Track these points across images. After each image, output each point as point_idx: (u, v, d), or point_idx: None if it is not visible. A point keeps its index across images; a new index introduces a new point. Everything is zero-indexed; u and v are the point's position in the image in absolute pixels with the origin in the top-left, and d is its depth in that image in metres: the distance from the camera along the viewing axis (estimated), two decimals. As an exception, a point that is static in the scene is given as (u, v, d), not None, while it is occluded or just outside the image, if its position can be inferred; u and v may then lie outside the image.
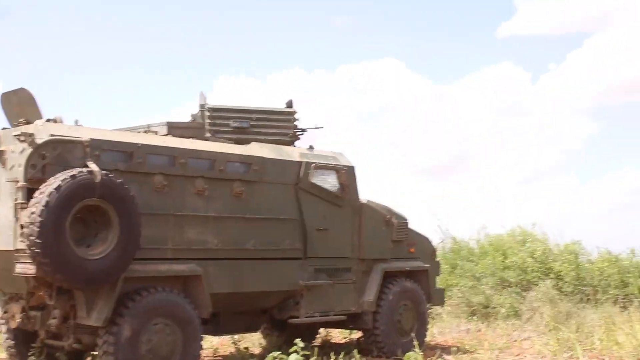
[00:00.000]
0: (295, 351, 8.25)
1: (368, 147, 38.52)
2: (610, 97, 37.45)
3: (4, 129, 8.11)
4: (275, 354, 8.30)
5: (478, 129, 38.04)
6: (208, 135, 9.79)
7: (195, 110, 10.18)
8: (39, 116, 8.07)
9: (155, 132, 9.22)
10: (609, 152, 37.42)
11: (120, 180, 7.57)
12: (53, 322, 7.85)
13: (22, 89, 8.30)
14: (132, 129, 9.42)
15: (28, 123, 7.92)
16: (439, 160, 38.42)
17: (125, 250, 7.55)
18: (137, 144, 8.18)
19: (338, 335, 12.71)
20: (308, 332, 11.16)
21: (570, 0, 34.66)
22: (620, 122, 38.03)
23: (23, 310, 8.07)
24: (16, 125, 8.06)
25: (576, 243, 17.37)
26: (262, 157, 9.37)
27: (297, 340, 8.38)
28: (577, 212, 34.16)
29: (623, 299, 15.72)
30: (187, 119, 10.07)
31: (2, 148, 7.74)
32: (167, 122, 9.38)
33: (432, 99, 38.36)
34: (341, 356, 9.15)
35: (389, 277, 10.72)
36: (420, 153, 38.15)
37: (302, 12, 36.22)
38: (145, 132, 9.24)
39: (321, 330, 11.95)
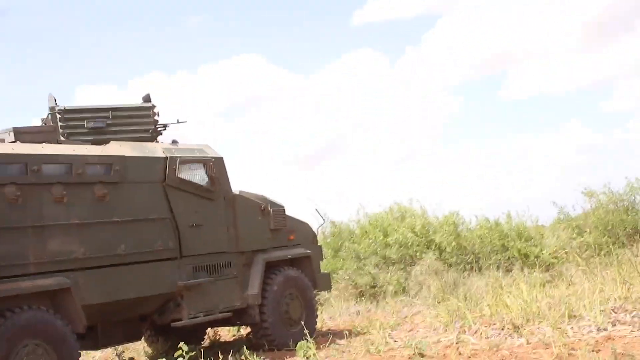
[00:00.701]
0: (181, 355, 8.00)
1: (236, 141, 38.50)
2: (469, 73, 39.08)
3: None
4: (161, 360, 8.02)
5: (346, 115, 38.76)
6: (62, 138, 9.32)
7: (45, 114, 9.69)
8: None
9: (2, 140, 8.68)
10: (472, 125, 39.13)
11: None
12: None
13: None
14: None
15: None
16: (311, 149, 38.85)
17: None
18: None
19: (227, 334, 12.50)
20: (195, 334, 10.92)
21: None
22: (480, 96, 39.82)
23: None
24: None
25: (454, 213, 17.75)
26: (122, 156, 9.04)
27: (182, 344, 8.16)
28: (451, 183, 35.47)
29: (505, 263, 16.18)
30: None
31: None
32: (14, 128, 8.86)
33: (296, 90, 38.82)
34: (230, 355, 8.92)
35: (271, 267, 10.60)
36: (292, 143, 38.44)
37: (156, 14, 35.79)
38: None
39: (208, 330, 11.70)
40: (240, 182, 10.66)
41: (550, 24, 36.36)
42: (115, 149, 9.17)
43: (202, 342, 11.33)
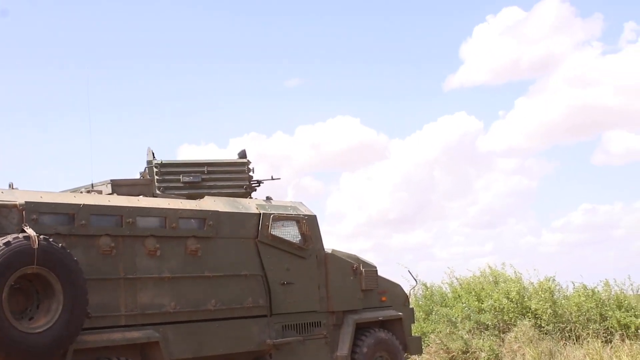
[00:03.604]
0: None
1: (329, 201, 38.64)
2: (559, 138, 38.22)
3: None
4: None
5: (438, 180, 38.33)
6: (157, 192, 9.25)
7: (143, 167, 9.67)
8: None
9: (100, 192, 8.64)
10: (562, 191, 38.14)
11: (61, 244, 6.96)
12: None
13: None
14: (74, 190, 8.85)
15: None
16: (404, 212, 38.49)
17: (72, 320, 6.95)
18: (79, 204, 7.62)
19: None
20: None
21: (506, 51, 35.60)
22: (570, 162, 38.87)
23: None
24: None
25: (550, 279, 16.95)
26: (216, 211, 8.87)
27: None
28: (538, 251, 34.52)
29: (604, 333, 15.28)
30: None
31: None
32: (111, 180, 8.83)
33: (388, 152, 38.83)
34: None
35: (361, 329, 10.25)
36: (389, 206, 38.19)
37: (257, 76, 36.61)
38: (88, 191, 8.67)
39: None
40: (332, 240, 10.37)
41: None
42: (210, 203, 9.02)
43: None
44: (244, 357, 8.96)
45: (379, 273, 10.86)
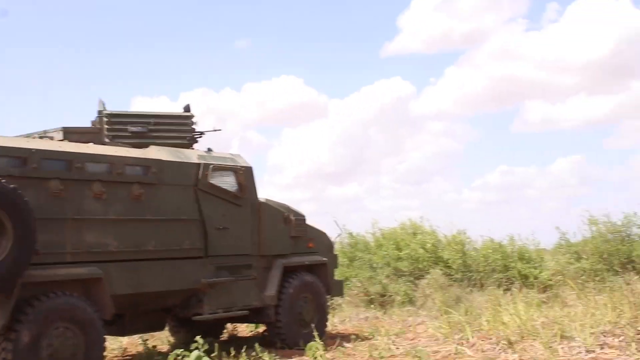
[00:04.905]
0: (197, 348, 7.90)
1: (269, 154, 38.85)
2: (484, 106, 39.18)
3: None
4: (178, 351, 7.97)
5: (373, 138, 38.91)
6: (106, 140, 9.30)
7: (94, 116, 9.67)
8: None
9: (52, 138, 8.67)
10: (484, 155, 39.26)
11: (13, 185, 7.02)
12: None
13: None
14: (27, 136, 8.84)
15: None
16: (340, 167, 39.11)
17: (20, 256, 7.05)
18: (31, 149, 7.66)
19: (245, 330, 12.38)
20: (214, 328, 10.83)
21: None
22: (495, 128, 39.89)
23: None
24: None
25: (462, 233, 17.58)
26: (160, 160, 8.98)
27: (198, 338, 8.09)
28: (459, 207, 35.65)
29: (506, 282, 15.98)
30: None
31: None
32: (63, 128, 8.85)
33: (328, 111, 39.24)
34: (243, 350, 8.80)
35: (289, 272, 10.48)
36: (320, 161, 38.70)
37: (204, 35, 36.53)
38: (41, 137, 8.68)
39: (228, 325, 11.60)
40: (271, 190, 10.61)
41: (563, 63, 36.35)
42: (154, 152, 9.13)
43: (221, 336, 11.21)
44: (180, 294, 9.17)
45: (308, 222, 11.10)
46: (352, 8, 39.40)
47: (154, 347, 10.36)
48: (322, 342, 9.12)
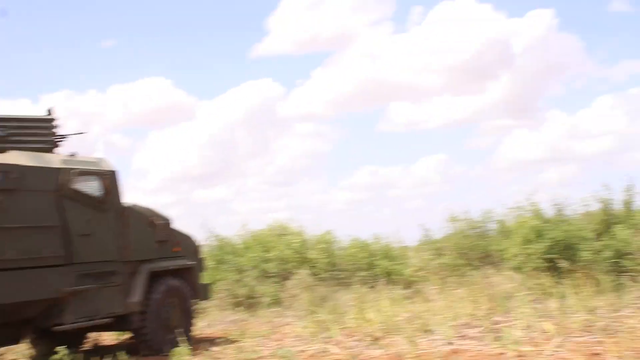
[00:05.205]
0: (59, 359, 7.95)
1: (135, 157, 38.30)
2: (349, 106, 40.50)
3: None
4: (39, 363, 7.93)
5: (239, 139, 39.22)
6: None
7: None
8: None
9: None
10: (352, 154, 40.52)
11: None
12: None
13: None
14: None
15: None
16: (203, 168, 39.12)
17: None
18: None
19: (110, 338, 12.36)
20: (77, 338, 10.79)
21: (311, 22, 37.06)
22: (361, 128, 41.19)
23: None
24: None
25: (329, 233, 18.16)
26: (19, 165, 8.91)
27: (60, 348, 8.11)
28: (327, 207, 36.71)
29: (371, 279, 16.65)
30: None
31: None
32: None
33: (195, 113, 39.18)
34: (109, 358, 8.89)
35: (155, 277, 10.58)
36: (188, 164, 38.61)
37: (68, 34, 35.60)
38: None
39: (93, 334, 11.55)
40: (136, 195, 10.67)
41: (426, 64, 38.00)
42: (14, 157, 9.04)
43: (84, 346, 11.16)
44: (39, 305, 9.09)
45: (174, 226, 11.24)
46: (221, 7, 39.51)
47: (12, 360, 10.22)
48: (189, 347, 9.34)
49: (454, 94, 41.06)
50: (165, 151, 39.71)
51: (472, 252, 17.30)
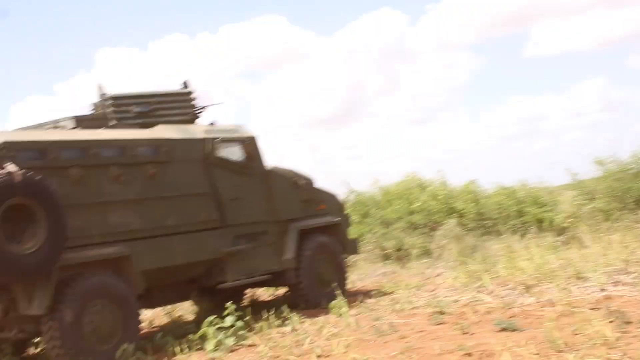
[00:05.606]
0: (229, 313, 8.76)
1: (258, 104, 38.70)
2: (492, 30, 38.71)
3: None
4: (211, 318, 8.71)
5: (366, 77, 38.74)
6: (114, 122, 10.04)
7: (95, 101, 10.36)
8: None
9: (64, 127, 9.45)
10: (494, 85, 38.88)
11: (40, 176, 7.82)
12: None
13: None
14: (38, 126, 9.62)
15: None
16: (330, 110, 39.01)
17: (55, 241, 7.85)
18: (50, 140, 8.44)
19: (264, 294, 13.15)
20: (236, 295, 11.57)
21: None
22: (500, 55, 39.29)
23: None
24: None
25: (472, 182, 18.30)
26: (169, 139, 9.72)
27: (229, 304, 8.90)
28: (468, 147, 35.68)
29: (521, 227, 16.72)
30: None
31: None
32: (74, 116, 9.61)
33: (317, 51, 38.86)
34: (272, 312, 9.63)
35: (304, 235, 11.19)
36: (311, 106, 38.62)
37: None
38: (54, 127, 9.46)
39: (247, 291, 12.35)
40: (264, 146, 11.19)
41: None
42: (162, 132, 9.84)
43: (242, 302, 11.98)
44: (203, 265, 9.95)
45: (317, 185, 11.83)
46: None
47: (179, 317, 11.19)
48: (344, 300, 9.94)
49: (609, 6, 38.74)
50: (284, 94, 39.79)
51: (626, 195, 16.99)
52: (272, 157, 11.45)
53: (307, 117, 39.46)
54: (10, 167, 7.64)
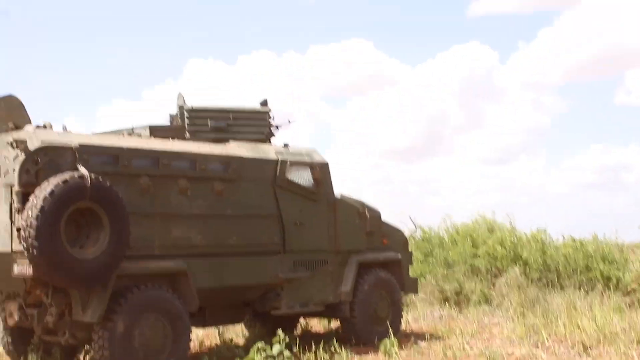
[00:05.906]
0: (278, 341, 8.81)
1: (336, 129, 39.03)
2: (579, 74, 38.04)
3: None
4: (260, 344, 8.79)
5: (447, 109, 38.59)
6: (188, 135, 10.24)
7: (174, 111, 10.61)
8: (27, 122, 8.47)
9: (139, 135, 9.67)
10: (579, 129, 38.02)
11: (109, 182, 8.02)
12: (49, 319, 8.29)
13: (10, 96, 8.63)
14: (116, 132, 9.86)
15: (17, 129, 8.31)
16: (409, 142, 38.96)
17: (117, 249, 8.01)
18: (123, 147, 8.64)
19: (317, 325, 13.16)
20: (288, 323, 11.63)
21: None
22: (589, 100, 38.48)
23: (20, 308, 8.52)
24: (5, 131, 8.41)
25: (542, 231, 18.03)
26: (240, 157, 9.84)
27: (279, 331, 8.96)
28: (544, 192, 35.04)
29: (586, 283, 16.40)
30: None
31: None
32: (150, 125, 9.84)
33: (400, 79, 38.89)
34: (321, 345, 9.65)
35: (364, 268, 11.19)
36: (389, 136, 38.64)
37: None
38: (129, 134, 9.70)
39: (301, 320, 12.41)
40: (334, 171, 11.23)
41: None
42: (234, 149, 9.98)
43: (294, 331, 12.03)
44: (259, 289, 10.05)
45: (384, 219, 11.82)
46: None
47: (231, 340, 11.29)
48: (396, 340, 9.91)
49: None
50: (366, 121, 39.91)
51: None
52: (343, 185, 11.52)
53: (384, 146, 39.47)
54: (83, 171, 7.85)
